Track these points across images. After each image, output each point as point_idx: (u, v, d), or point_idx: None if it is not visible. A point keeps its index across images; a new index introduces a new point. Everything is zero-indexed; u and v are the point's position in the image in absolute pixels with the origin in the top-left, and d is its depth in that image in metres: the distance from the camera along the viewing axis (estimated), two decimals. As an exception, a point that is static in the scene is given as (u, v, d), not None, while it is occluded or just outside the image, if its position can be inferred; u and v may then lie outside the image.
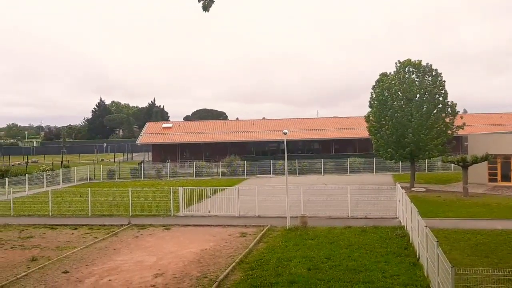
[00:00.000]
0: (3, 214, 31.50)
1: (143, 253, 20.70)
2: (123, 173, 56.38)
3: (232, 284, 16.05)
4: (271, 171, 54.14)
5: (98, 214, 30.35)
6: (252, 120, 75.08)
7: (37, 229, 26.61)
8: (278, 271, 17.21)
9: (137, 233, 24.88)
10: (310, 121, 72.22)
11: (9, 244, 23.12)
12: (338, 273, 16.75)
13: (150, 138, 69.63)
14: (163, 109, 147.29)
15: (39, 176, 48.10)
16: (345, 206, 28.19)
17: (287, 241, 21.80)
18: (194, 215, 29.10)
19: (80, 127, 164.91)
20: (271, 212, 28.38)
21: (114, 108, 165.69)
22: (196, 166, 55.76)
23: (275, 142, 66.72)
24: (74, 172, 53.77)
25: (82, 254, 20.81)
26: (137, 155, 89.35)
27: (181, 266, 18.53)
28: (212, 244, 21.96)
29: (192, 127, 72.63)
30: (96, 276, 17.57)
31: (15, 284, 16.75)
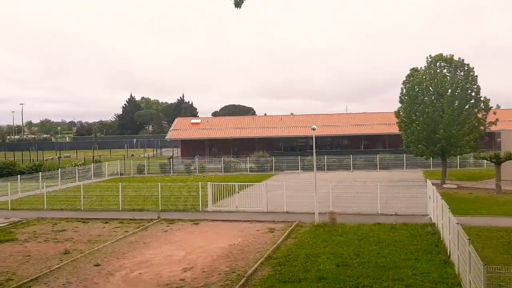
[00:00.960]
0: (37, 208, 32.26)
1: (172, 247, 20.93)
2: (153, 168, 57.06)
3: (261, 279, 16.09)
4: (299, 167, 53.97)
5: (129, 209, 30.81)
6: (280, 115, 74.95)
7: (69, 223, 27.17)
8: (306, 267, 17.17)
9: (167, 228, 25.16)
10: (339, 117, 71.70)
11: (43, 237, 23.68)
12: (367, 270, 16.63)
13: (179, 134, 70.24)
14: (191, 105, 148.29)
15: (71, 171, 49.06)
16: (374, 203, 27.92)
17: (315, 237, 21.73)
18: (223, 210, 29.26)
19: (111, 123, 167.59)
20: (300, 208, 28.30)
21: (144, 104, 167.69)
22: (224, 161, 55.99)
23: (303, 138, 66.45)
24: (105, 167, 54.67)
25: (113, 247, 21.15)
26: (166, 151, 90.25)
27: (209, 260, 18.67)
28: (240, 239, 22.05)
29: (220, 123, 72.94)
30: (126, 269, 17.84)
31: (49, 276, 17.15)
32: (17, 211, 31.76)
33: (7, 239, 23.11)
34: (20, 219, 28.50)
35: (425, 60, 39.86)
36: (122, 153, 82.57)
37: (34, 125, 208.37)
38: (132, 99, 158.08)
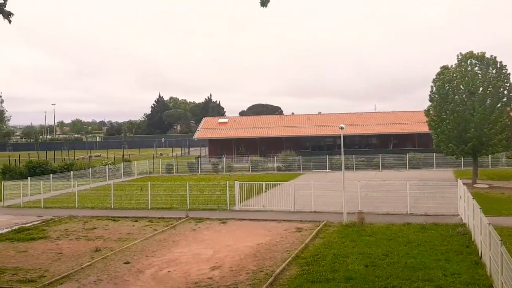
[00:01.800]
0: (69, 206, 32.91)
1: (200, 246, 21.08)
2: (181, 167, 57.55)
3: (288, 278, 16.06)
4: (327, 166, 53.67)
5: (157, 207, 31.14)
6: (308, 114, 74.60)
7: (100, 221, 27.62)
8: (334, 267, 17.08)
9: (195, 226, 25.35)
10: (368, 116, 70.98)
11: (74, 235, 24.14)
12: (396, 270, 16.44)
13: (207, 133, 70.65)
14: (219, 104, 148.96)
15: (101, 170, 49.89)
16: (403, 203, 27.57)
17: (343, 237, 21.58)
18: (250, 210, 29.31)
19: (140, 123, 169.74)
20: (327, 207, 28.16)
21: (172, 103, 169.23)
22: (251, 160, 56.10)
23: (331, 137, 66.05)
24: (135, 166, 55.40)
25: (143, 245, 21.42)
26: (194, 150, 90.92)
27: (237, 259, 18.73)
28: (268, 238, 22.05)
29: (248, 122, 73.06)
30: (155, 267, 18.05)
31: (80, 273, 17.48)
32: (50, 209, 32.45)
33: (40, 237, 23.64)
34: (52, 217, 29.13)
35: (456, 58, 39.14)
36: (151, 153, 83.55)
37: (65, 125, 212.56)
38: (161, 99, 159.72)
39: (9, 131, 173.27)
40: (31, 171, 49.52)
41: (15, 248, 21.65)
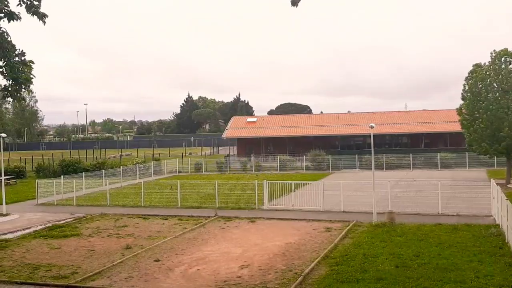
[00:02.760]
0: (100, 204, 33.48)
1: (229, 245, 21.16)
2: (210, 166, 57.90)
3: (318, 278, 15.99)
4: (356, 166, 53.21)
5: (187, 206, 31.40)
6: (337, 113, 74.10)
7: (130, 219, 28.01)
8: (364, 267, 16.93)
9: (224, 225, 25.47)
10: (398, 114, 70.05)
11: (106, 232, 24.54)
12: (427, 271, 16.19)
13: (235, 132, 70.87)
14: (247, 103, 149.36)
15: (132, 169, 50.61)
16: (435, 203, 27.12)
17: (373, 237, 21.37)
18: (279, 209, 29.28)
19: (170, 122, 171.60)
20: (357, 207, 27.92)
21: (201, 103, 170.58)
22: (280, 160, 56.03)
23: (361, 136, 65.48)
24: (165, 165, 56.03)
25: (172, 243, 21.63)
26: (222, 149, 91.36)
27: (266, 258, 18.74)
28: (296, 238, 22.00)
29: (276, 121, 73.01)
30: (185, 265, 18.21)
31: (111, 270, 17.76)
32: (82, 207, 33.09)
33: (72, 234, 24.12)
34: (84, 214, 29.69)
35: (489, 56, 38.27)
36: (180, 152, 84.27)
37: (97, 124, 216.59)
38: (190, 99, 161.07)
39: (43, 130, 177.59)
40: (64, 169, 50.57)
41: (49, 244, 22.15)
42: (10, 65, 10.03)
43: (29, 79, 10.21)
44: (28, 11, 9.98)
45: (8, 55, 9.96)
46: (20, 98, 10.53)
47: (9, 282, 16.63)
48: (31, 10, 9.98)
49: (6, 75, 10.14)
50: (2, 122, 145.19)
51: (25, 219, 29.03)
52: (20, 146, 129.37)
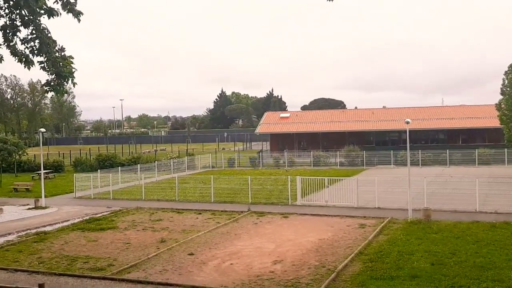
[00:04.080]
0: (136, 198, 34.04)
1: (262, 240, 21.20)
2: (243, 162, 58.10)
3: (351, 275, 15.86)
4: (391, 162, 52.48)
5: (220, 201, 31.60)
6: (372, 109, 73.15)
7: (165, 213, 28.37)
8: (399, 264, 16.70)
9: (256, 220, 25.52)
10: (434, 110, 68.64)
11: (141, 226, 24.94)
12: (464, 269, 15.87)
13: (268, 128, 70.82)
14: (281, 99, 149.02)
15: (166, 163, 51.23)
16: (472, 200, 26.52)
17: (408, 234, 21.06)
18: (312, 205, 29.15)
19: (203, 117, 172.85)
20: (392, 204, 27.56)
21: (234, 98, 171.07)
22: (313, 155, 55.73)
23: (396, 132, 64.49)
24: (198, 160, 56.50)
25: (206, 238, 21.81)
26: (255, 144, 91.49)
27: (299, 254, 18.70)
28: (330, 234, 21.87)
29: (310, 117, 72.58)
30: (218, 259, 18.34)
31: (147, 263, 18.05)
32: (118, 200, 33.71)
33: (109, 227, 24.61)
34: (120, 208, 30.24)
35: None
36: (214, 147, 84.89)
37: (132, 120, 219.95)
38: (223, 94, 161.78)
39: (80, 126, 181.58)
40: (101, 164, 51.60)
41: (86, 237, 22.66)
42: (51, 60, 10.26)
43: (72, 72, 10.43)
44: (64, 8, 10.17)
45: (49, 50, 10.18)
46: (63, 92, 10.75)
47: (48, 273, 17.08)
48: (67, 7, 10.17)
49: (48, 70, 10.38)
50: (41, 117, 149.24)
51: (63, 212, 29.78)
52: (58, 141, 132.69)
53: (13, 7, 9.97)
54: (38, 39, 10.15)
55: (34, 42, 10.21)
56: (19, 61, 10.31)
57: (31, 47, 10.26)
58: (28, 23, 10.03)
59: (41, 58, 10.33)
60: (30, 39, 10.19)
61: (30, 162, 57.07)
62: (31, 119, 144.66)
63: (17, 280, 16.42)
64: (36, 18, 10.00)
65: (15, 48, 10.26)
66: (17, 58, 10.30)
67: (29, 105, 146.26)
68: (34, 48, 10.24)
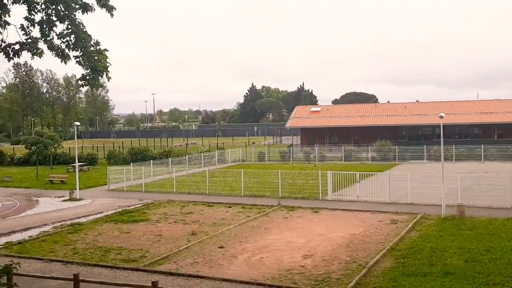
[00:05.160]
0: (167, 191, 34.43)
1: (292, 234, 21.17)
2: (273, 156, 58.06)
3: (383, 271, 15.70)
4: (424, 157, 51.64)
5: (250, 194, 31.68)
6: (405, 103, 72.03)
7: (196, 206, 28.61)
8: (431, 261, 16.44)
9: (287, 214, 25.49)
10: (469, 104, 67.14)
11: (172, 218, 25.22)
12: (499, 267, 15.52)
13: (299, 122, 70.56)
14: (311, 93, 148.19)
15: (197, 157, 51.66)
16: (507, 196, 25.88)
17: (442, 230, 20.70)
18: (343, 200, 28.94)
19: (233, 111, 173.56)
20: (425, 199, 27.13)
21: (264, 92, 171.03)
22: (344, 150, 55.29)
23: (429, 126, 63.42)
24: (228, 154, 56.76)
25: (236, 231, 21.91)
26: (285, 139, 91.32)
27: (329, 249, 18.60)
28: (361, 229, 21.68)
29: (341, 111, 71.96)
30: (248, 253, 18.40)
31: (178, 256, 18.24)
32: (150, 193, 34.17)
33: (141, 219, 24.97)
34: (152, 201, 30.64)
35: None
36: (244, 141, 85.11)
37: (164, 114, 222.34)
38: (253, 88, 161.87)
39: (113, 119, 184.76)
40: (133, 157, 52.37)
41: (119, 229, 23.05)
42: (87, 55, 10.44)
43: (106, 67, 10.61)
44: (98, 3, 10.32)
45: (84, 45, 10.36)
46: (98, 85, 10.95)
47: (82, 263, 17.45)
48: (100, 2, 10.31)
49: (83, 65, 10.57)
50: (76, 111, 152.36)
51: (97, 204, 30.37)
52: (92, 134, 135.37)
53: (49, 2, 10.16)
54: (74, 34, 10.34)
55: (69, 37, 10.40)
56: (56, 55, 10.53)
57: (67, 42, 10.46)
58: (64, 18, 10.22)
59: (77, 52, 10.53)
60: (66, 34, 10.38)
61: (65, 155, 58.39)
62: (66, 113, 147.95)
63: (52, 270, 16.84)
64: (71, 13, 10.18)
65: (51, 42, 10.48)
66: (54, 53, 10.52)
67: (64, 99, 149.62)
68: (70, 43, 10.44)
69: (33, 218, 26.23)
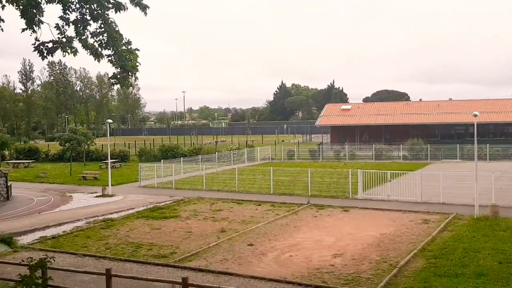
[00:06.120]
0: (197, 188, 34.70)
1: (322, 233, 21.06)
2: (302, 154, 57.85)
3: (414, 271, 15.48)
4: (457, 156, 50.65)
5: (279, 192, 31.64)
6: (437, 101, 70.82)
7: (225, 203, 28.75)
8: (464, 262, 16.13)
9: (316, 213, 25.37)
10: (504, 102, 65.52)
11: (202, 215, 25.41)
12: (535, 270, 15.10)
13: (329, 120, 70.14)
14: (342, 90, 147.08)
15: (226, 155, 51.89)
16: (545, 197, 25.17)
17: (475, 231, 20.28)
18: (373, 199, 28.64)
19: (263, 109, 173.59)
20: (457, 199, 26.61)
21: (294, 90, 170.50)
22: (375, 148, 54.66)
23: (462, 125, 62.24)
24: (257, 151, 56.81)
25: (265, 229, 21.92)
26: (315, 137, 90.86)
27: (359, 248, 18.44)
28: (392, 229, 21.41)
29: (372, 109, 71.24)
30: (278, 250, 18.39)
31: (207, 252, 18.37)
32: (180, 190, 34.48)
33: (172, 216, 25.23)
34: (182, 197, 30.92)
35: None
36: (273, 139, 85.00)
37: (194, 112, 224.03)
38: (283, 86, 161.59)
39: (145, 117, 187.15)
40: (164, 154, 52.95)
41: (150, 225, 23.34)
42: (118, 54, 10.61)
43: (135, 66, 10.75)
44: (131, 2, 10.45)
45: (116, 44, 10.53)
46: (128, 84, 11.11)
47: (114, 259, 17.75)
48: (134, 1, 10.44)
49: (115, 63, 10.75)
50: (108, 108, 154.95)
51: (128, 200, 30.82)
52: (124, 131, 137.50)
53: (83, 2, 10.37)
54: (106, 33, 10.52)
55: (102, 36, 10.59)
56: (90, 54, 10.74)
57: (100, 41, 10.65)
58: (97, 17, 10.41)
59: (109, 51, 10.71)
60: (99, 33, 10.57)
61: (98, 151, 59.45)
62: (99, 110, 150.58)
63: (85, 264, 17.19)
64: (104, 12, 10.36)
65: (86, 41, 10.69)
66: (88, 51, 10.73)
67: (97, 96, 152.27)
68: (103, 42, 10.62)
69: (67, 214, 26.81)
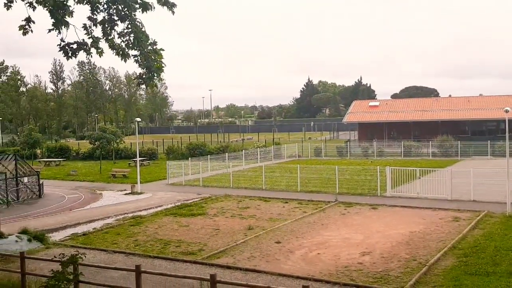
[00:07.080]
0: (224, 185, 34.84)
1: (350, 231, 20.90)
2: (330, 151, 57.50)
3: (444, 269, 15.24)
4: (488, 153, 49.60)
5: (306, 190, 31.53)
6: (468, 97, 69.46)
7: (252, 201, 28.79)
8: (496, 260, 15.81)
9: (344, 211, 25.20)
10: (537, 97, 63.87)
11: (229, 212, 25.50)
12: None
13: (357, 117, 69.54)
14: (369, 87, 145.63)
15: (253, 152, 51.94)
16: None
17: (507, 229, 19.86)
18: (402, 196, 28.29)
19: (289, 107, 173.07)
20: (488, 197, 26.09)
21: (321, 87, 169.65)
22: (404, 145, 53.92)
23: (494, 121, 60.85)
24: (284, 149, 56.72)
25: (293, 226, 21.87)
26: (343, 134, 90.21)
27: (388, 246, 18.24)
28: (421, 226, 21.12)
29: (400, 105, 70.34)
30: (305, 248, 18.33)
31: (235, 249, 18.44)
32: (207, 187, 34.69)
33: (199, 213, 25.41)
34: (209, 195, 31.10)
35: None
36: (300, 136, 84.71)
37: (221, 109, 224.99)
38: (310, 83, 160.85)
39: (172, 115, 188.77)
40: (191, 152, 53.35)
41: (178, 222, 23.55)
42: (144, 54, 10.69)
43: (161, 67, 10.81)
44: (158, 2, 10.50)
45: (142, 45, 10.61)
46: (153, 85, 11.20)
47: (143, 255, 17.98)
48: (161, 0, 10.49)
49: (141, 64, 10.84)
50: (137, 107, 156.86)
51: (157, 198, 31.16)
52: (152, 130, 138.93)
53: (110, 2, 10.48)
54: (133, 33, 10.61)
55: (129, 36, 10.68)
56: (117, 54, 10.85)
57: (127, 41, 10.74)
58: (125, 17, 10.51)
59: (135, 51, 10.79)
60: (126, 33, 10.67)
61: (127, 150, 60.24)
62: (127, 109, 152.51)
63: (115, 261, 17.45)
64: (131, 13, 10.45)
65: (113, 42, 10.80)
66: (115, 51, 10.84)
67: (126, 95, 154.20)
68: (129, 42, 10.72)
69: (97, 211, 27.27)
